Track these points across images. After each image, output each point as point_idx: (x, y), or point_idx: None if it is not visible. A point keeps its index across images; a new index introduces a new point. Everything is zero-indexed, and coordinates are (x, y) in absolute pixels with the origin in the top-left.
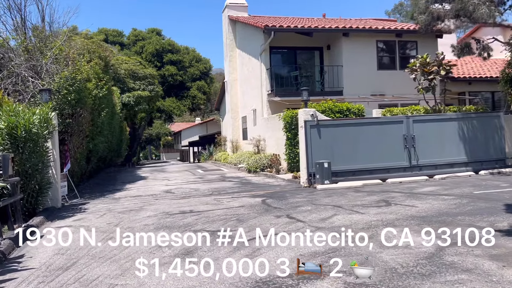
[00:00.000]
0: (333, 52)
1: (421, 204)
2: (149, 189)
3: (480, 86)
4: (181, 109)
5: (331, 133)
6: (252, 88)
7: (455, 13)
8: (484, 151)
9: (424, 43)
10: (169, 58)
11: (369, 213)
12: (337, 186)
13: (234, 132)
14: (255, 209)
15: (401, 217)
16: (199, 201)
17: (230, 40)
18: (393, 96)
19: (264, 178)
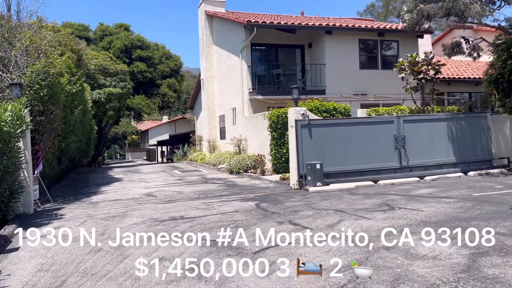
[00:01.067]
0: (315, 50)
1: (426, 208)
2: (128, 192)
3: (458, 87)
4: (151, 107)
5: (322, 133)
6: (231, 86)
7: (445, 12)
8: (472, 152)
9: (405, 43)
10: (139, 54)
11: (377, 218)
12: (329, 188)
13: (211, 131)
14: (251, 215)
15: (413, 223)
16: (187, 206)
17: (206, 36)
18: (375, 96)
19: (249, 179)
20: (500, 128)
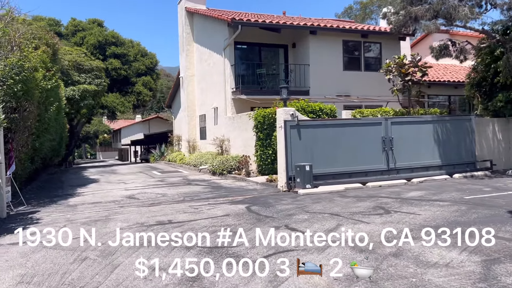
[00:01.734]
0: (299, 50)
1: (422, 211)
2: (108, 194)
3: (438, 89)
4: (125, 106)
5: (311, 134)
6: (213, 84)
7: (433, 14)
8: (457, 154)
9: (387, 45)
10: (113, 51)
11: (375, 223)
12: (319, 190)
13: (191, 131)
14: (244, 219)
15: (413, 227)
16: (173, 209)
17: (187, 33)
18: (358, 97)
19: (234, 181)
20: (483, 131)
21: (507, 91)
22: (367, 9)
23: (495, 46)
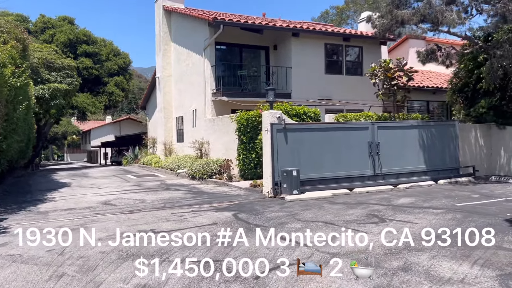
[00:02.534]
0: (280, 52)
1: (417, 220)
2: (82, 200)
3: (417, 95)
4: (96, 106)
5: (297, 138)
6: (191, 86)
7: (420, 18)
8: (441, 160)
9: (368, 50)
10: (84, 49)
11: (373, 232)
12: (306, 196)
13: (167, 133)
14: (234, 228)
15: (413, 237)
16: (155, 217)
17: (164, 32)
18: (339, 101)
19: (215, 186)
20: (465, 137)
21: (489, 97)
22: (343, 14)
23: (477, 52)
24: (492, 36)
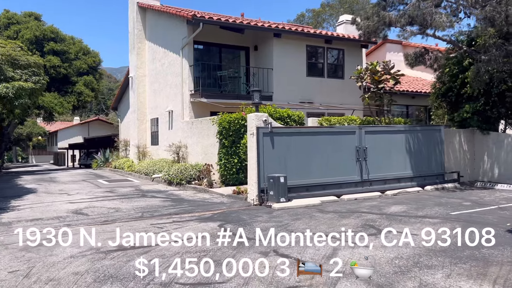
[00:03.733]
0: (261, 53)
1: (415, 230)
2: (49, 209)
3: (397, 99)
4: (64, 106)
5: (284, 142)
6: (168, 86)
7: (408, 20)
8: (427, 166)
9: (350, 52)
10: (52, 47)
11: (374, 246)
12: (294, 204)
13: (140, 135)
14: (220, 241)
15: (418, 251)
16: (132, 228)
17: (138, 30)
18: (321, 104)
19: (195, 192)
20: (450, 142)
21: (473, 102)
22: (319, 17)
23: (462, 57)
24: (475, 40)
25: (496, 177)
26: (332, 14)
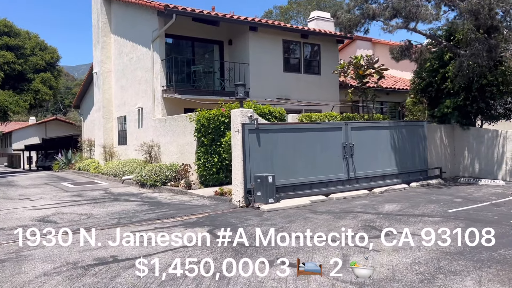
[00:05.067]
0: (236, 48)
1: (418, 230)
2: (11, 217)
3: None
4: (20, 105)
5: (270, 140)
6: (136, 82)
7: (392, 13)
8: (411, 162)
9: (326, 48)
10: (5, 42)
11: (385, 250)
12: (283, 205)
13: (107, 135)
14: (217, 250)
15: (435, 255)
16: (110, 237)
17: (103, 23)
18: (298, 101)
19: (172, 195)
20: (431, 138)
21: (454, 97)
22: (287, 14)
23: (442, 51)
24: (453, 35)
25: (477, 172)
26: (300, 11)
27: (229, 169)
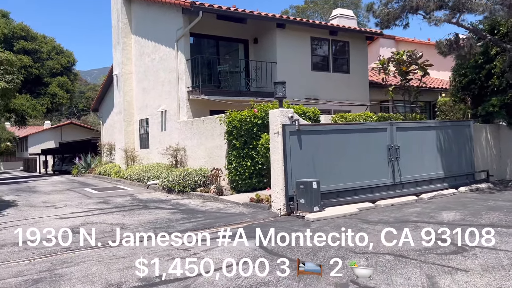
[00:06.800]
0: (262, 46)
1: (502, 244)
2: (38, 226)
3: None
4: (37, 109)
5: (312, 142)
6: (159, 83)
7: (438, 4)
8: (458, 165)
9: (355, 45)
10: (22, 46)
11: (474, 271)
12: (330, 214)
13: (128, 139)
14: (278, 269)
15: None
16: (151, 252)
17: (123, 23)
18: (326, 101)
19: (204, 201)
20: (477, 139)
21: (501, 94)
22: (303, 14)
23: (487, 46)
24: (496, 28)
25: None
26: (317, 10)
27: (262, 173)
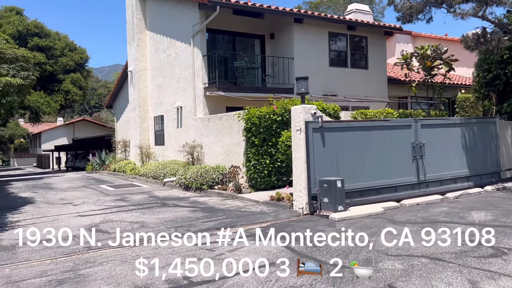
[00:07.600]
0: (279, 41)
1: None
2: (57, 225)
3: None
4: (51, 106)
5: (335, 139)
6: (175, 80)
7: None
8: (483, 163)
9: (373, 40)
10: (36, 43)
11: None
12: (354, 214)
13: (143, 135)
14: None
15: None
16: (175, 252)
17: (138, 19)
18: (344, 97)
19: (222, 199)
20: (502, 136)
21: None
22: (317, 10)
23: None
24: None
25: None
26: (330, 6)
27: (281, 171)
